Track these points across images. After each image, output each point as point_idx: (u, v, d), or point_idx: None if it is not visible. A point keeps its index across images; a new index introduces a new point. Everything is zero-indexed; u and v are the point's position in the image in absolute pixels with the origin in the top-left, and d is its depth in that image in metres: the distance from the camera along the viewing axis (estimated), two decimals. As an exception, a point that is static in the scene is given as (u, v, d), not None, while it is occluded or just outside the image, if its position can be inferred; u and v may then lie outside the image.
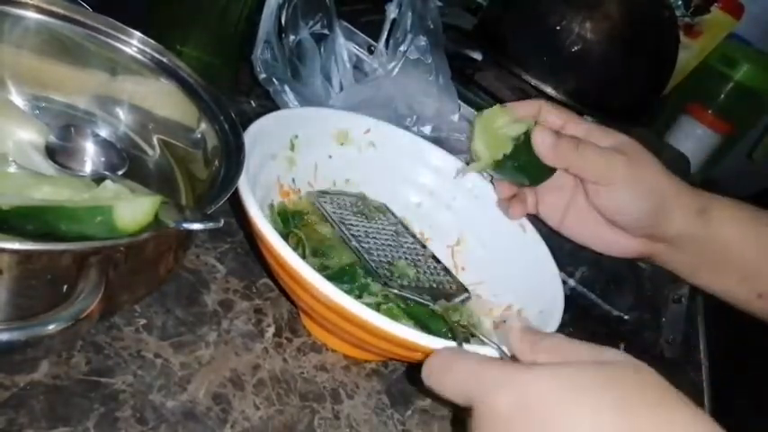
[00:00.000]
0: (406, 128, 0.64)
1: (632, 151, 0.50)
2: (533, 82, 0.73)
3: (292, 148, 0.53)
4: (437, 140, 0.62)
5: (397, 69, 0.63)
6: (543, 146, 0.49)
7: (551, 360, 0.34)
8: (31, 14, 0.45)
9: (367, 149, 0.57)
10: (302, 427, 0.41)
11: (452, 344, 0.39)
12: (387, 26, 0.64)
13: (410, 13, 0.62)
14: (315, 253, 0.50)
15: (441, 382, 0.35)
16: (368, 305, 0.38)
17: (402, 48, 0.63)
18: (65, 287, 0.32)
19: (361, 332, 0.39)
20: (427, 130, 0.65)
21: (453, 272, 0.56)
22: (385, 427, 0.44)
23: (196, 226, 0.35)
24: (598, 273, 0.66)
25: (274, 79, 0.63)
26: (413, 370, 0.50)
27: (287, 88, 0.63)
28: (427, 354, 0.39)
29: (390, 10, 0.63)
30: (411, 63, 0.63)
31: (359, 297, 0.48)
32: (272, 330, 0.46)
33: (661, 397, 0.31)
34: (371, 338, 0.39)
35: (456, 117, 0.65)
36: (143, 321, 0.41)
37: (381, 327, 0.37)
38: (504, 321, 0.41)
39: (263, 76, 0.64)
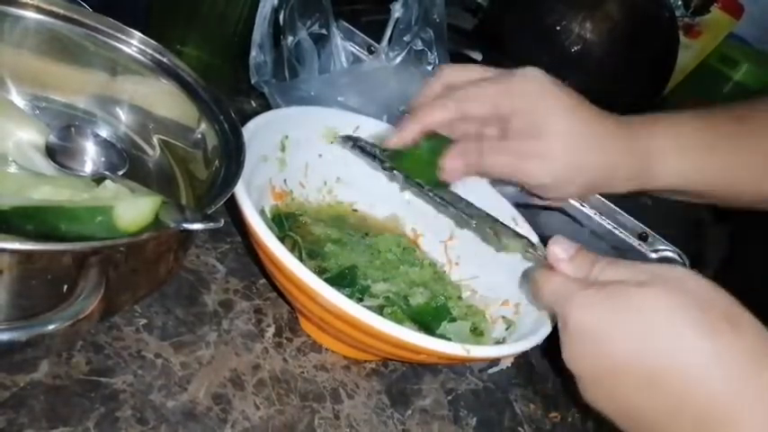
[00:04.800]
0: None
1: (550, 129, 0.47)
2: (533, 82, 0.73)
3: (283, 149, 0.52)
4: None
5: (399, 59, 0.63)
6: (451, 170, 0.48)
7: (613, 277, 0.37)
8: (31, 14, 0.45)
9: (356, 145, 0.57)
10: (302, 427, 0.41)
11: (457, 346, 0.39)
12: (390, 25, 0.64)
13: (416, 6, 0.62)
14: (311, 255, 0.50)
15: (537, 300, 0.41)
16: (370, 308, 0.38)
17: (407, 38, 0.63)
18: (65, 287, 0.32)
19: (365, 336, 0.39)
20: None
21: (447, 268, 0.57)
22: (385, 427, 0.44)
23: (196, 226, 0.35)
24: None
25: (262, 83, 0.63)
26: (413, 370, 0.50)
27: (274, 92, 0.63)
28: (431, 355, 0.39)
29: (395, 9, 0.63)
30: (414, 54, 0.63)
31: (360, 300, 0.48)
32: (272, 330, 0.46)
33: (713, 319, 0.34)
34: (375, 342, 0.39)
35: None
36: (143, 321, 0.42)
37: (387, 332, 0.37)
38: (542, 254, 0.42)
39: (254, 79, 0.64)
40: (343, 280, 0.48)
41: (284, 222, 0.51)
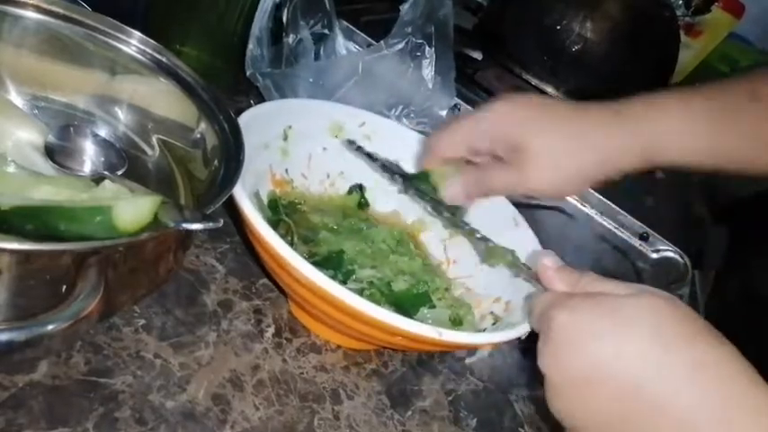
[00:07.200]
0: (388, 117, 0.64)
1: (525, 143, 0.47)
2: (533, 82, 0.73)
3: (285, 138, 0.53)
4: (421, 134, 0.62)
5: (396, 48, 0.63)
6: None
7: (600, 289, 0.37)
8: (31, 14, 0.45)
9: (362, 142, 0.57)
10: (302, 428, 0.41)
11: (429, 327, 0.39)
12: (398, 25, 0.64)
13: (423, 7, 0.62)
14: (305, 241, 0.51)
15: (531, 320, 0.40)
16: (351, 290, 0.38)
17: (408, 29, 0.63)
18: (64, 287, 0.32)
19: (342, 315, 0.39)
20: (412, 123, 0.65)
21: (444, 265, 0.57)
22: (385, 428, 0.44)
23: (195, 226, 0.35)
24: (597, 272, 0.66)
25: (258, 75, 0.64)
26: (413, 370, 0.50)
27: (269, 83, 0.63)
28: (407, 338, 0.39)
29: (404, 10, 0.63)
30: (413, 46, 0.63)
31: (343, 282, 0.48)
32: (271, 331, 0.46)
33: (696, 331, 0.33)
34: (343, 317, 0.40)
35: (444, 113, 0.65)
36: (142, 322, 0.41)
37: (351, 304, 0.37)
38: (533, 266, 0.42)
39: (249, 71, 0.64)
40: (328, 263, 0.49)
41: (280, 208, 0.52)
